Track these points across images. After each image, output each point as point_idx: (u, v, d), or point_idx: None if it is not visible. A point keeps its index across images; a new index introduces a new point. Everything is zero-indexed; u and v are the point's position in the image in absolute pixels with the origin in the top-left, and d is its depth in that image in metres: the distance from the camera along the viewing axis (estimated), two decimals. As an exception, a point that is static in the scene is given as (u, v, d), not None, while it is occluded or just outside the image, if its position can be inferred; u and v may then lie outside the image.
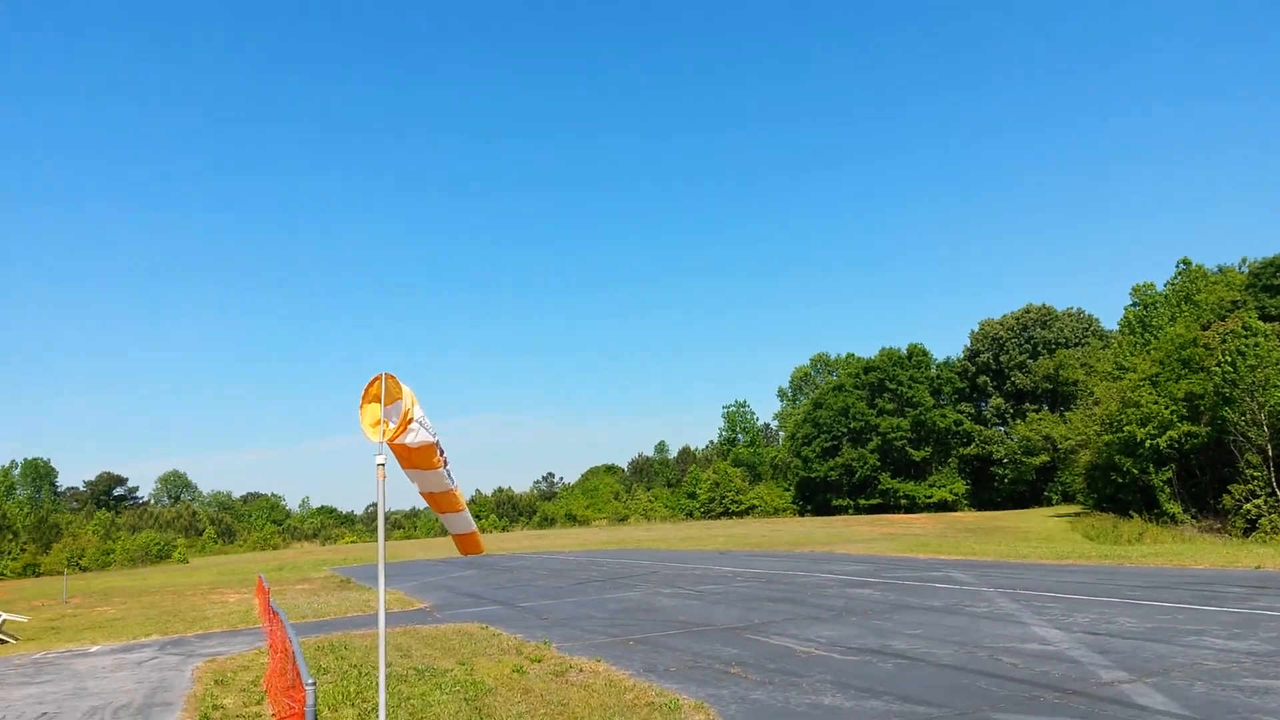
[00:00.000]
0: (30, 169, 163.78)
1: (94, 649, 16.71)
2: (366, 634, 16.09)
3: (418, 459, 5.91)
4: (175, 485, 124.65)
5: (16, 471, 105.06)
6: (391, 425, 5.33)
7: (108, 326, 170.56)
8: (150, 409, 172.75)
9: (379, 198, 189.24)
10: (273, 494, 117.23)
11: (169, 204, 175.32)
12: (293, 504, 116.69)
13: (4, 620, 19.14)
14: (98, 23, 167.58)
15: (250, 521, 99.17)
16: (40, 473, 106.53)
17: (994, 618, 13.67)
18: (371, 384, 5.32)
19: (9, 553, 63.07)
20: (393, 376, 5.37)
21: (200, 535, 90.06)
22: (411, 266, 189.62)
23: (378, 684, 11.01)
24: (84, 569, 62.18)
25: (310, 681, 6.42)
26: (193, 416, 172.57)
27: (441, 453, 6.07)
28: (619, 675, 10.71)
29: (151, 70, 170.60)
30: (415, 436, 5.49)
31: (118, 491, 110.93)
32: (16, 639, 18.87)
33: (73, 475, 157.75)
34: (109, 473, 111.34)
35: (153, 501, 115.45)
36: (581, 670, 11.16)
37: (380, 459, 5.43)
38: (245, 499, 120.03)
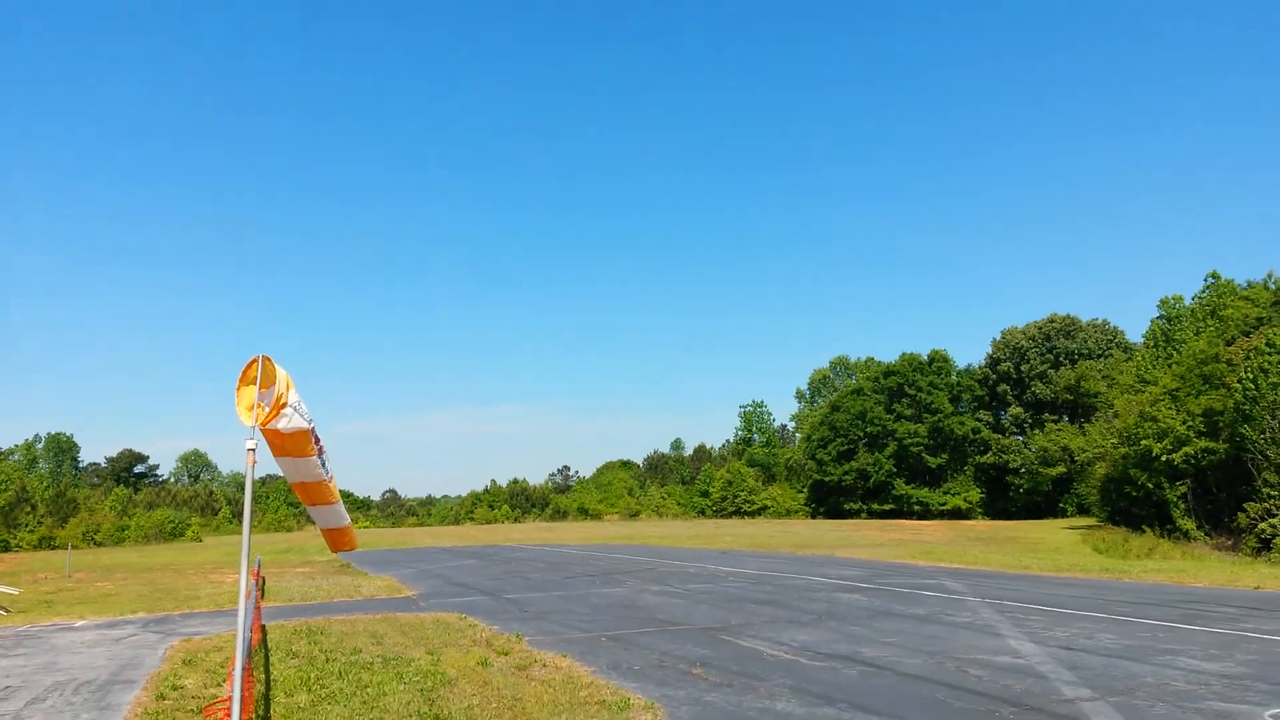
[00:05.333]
0: (44, 149, 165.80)
1: (79, 624, 16.81)
2: (347, 619, 16.09)
3: (290, 446, 5.80)
4: (195, 464, 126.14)
5: (40, 445, 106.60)
6: (265, 410, 5.24)
7: (138, 306, 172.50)
8: (174, 389, 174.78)
9: (411, 186, 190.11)
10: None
11: (196, 185, 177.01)
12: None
13: (-3, 592, 19.34)
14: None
15: (266, 503, 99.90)
16: (62, 448, 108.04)
17: (972, 628, 13.46)
18: (249, 367, 5.22)
19: (26, 525, 63.93)
20: (269, 359, 5.27)
21: (216, 515, 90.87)
22: (433, 255, 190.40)
23: (340, 670, 11.04)
24: (99, 544, 62.91)
25: (236, 667, 6.36)
26: (215, 397, 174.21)
27: (317, 440, 5.96)
28: (580, 672, 10.61)
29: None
30: (288, 422, 5.38)
31: (138, 469, 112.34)
32: (8, 611, 19.04)
33: (95, 451, 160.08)
34: (130, 450, 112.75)
35: (172, 480, 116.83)
36: (545, 665, 11.07)
37: (251, 444, 5.33)
38: (263, 480, 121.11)
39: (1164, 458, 42.13)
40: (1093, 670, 10.17)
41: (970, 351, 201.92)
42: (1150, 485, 43.47)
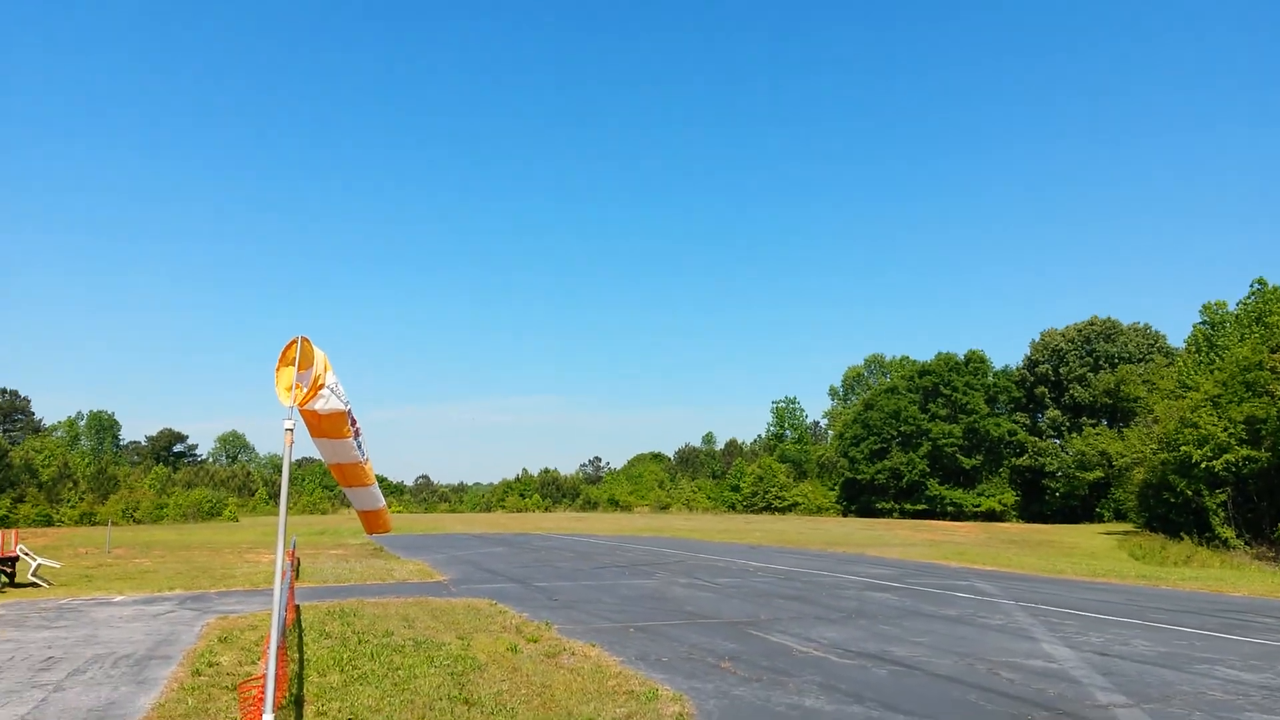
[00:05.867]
0: (83, 128, 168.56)
1: (118, 599, 17.15)
2: (379, 602, 16.26)
3: (327, 427, 5.85)
4: (233, 445, 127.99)
5: (82, 423, 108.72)
6: (303, 391, 5.29)
7: (179, 288, 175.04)
8: (214, 370, 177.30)
9: (451, 173, 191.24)
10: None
11: (237, 169, 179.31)
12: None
13: (39, 565, 19.73)
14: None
15: (300, 486, 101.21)
16: (104, 426, 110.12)
17: (1005, 631, 13.33)
18: (288, 348, 5.27)
19: (68, 501, 65.26)
20: (308, 340, 5.32)
21: (253, 495, 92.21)
22: (472, 245, 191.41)
23: (372, 652, 11.17)
24: (138, 521, 64.10)
25: (271, 645, 6.46)
26: (254, 380, 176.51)
27: (353, 423, 6.00)
28: (609, 661, 10.66)
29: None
30: (325, 404, 5.42)
31: (177, 448, 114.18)
32: (50, 584, 19.46)
33: (135, 430, 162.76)
34: (170, 429, 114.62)
35: (210, 460, 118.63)
36: (574, 654, 11.13)
37: (289, 424, 5.39)
38: (299, 463, 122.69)
39: (1204, 465, 41.44)
40: (1127, 677, 10.04)
41: (1007, 353, 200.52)
42: (1189, 492, 42.78)
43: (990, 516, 75.40)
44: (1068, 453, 73.67)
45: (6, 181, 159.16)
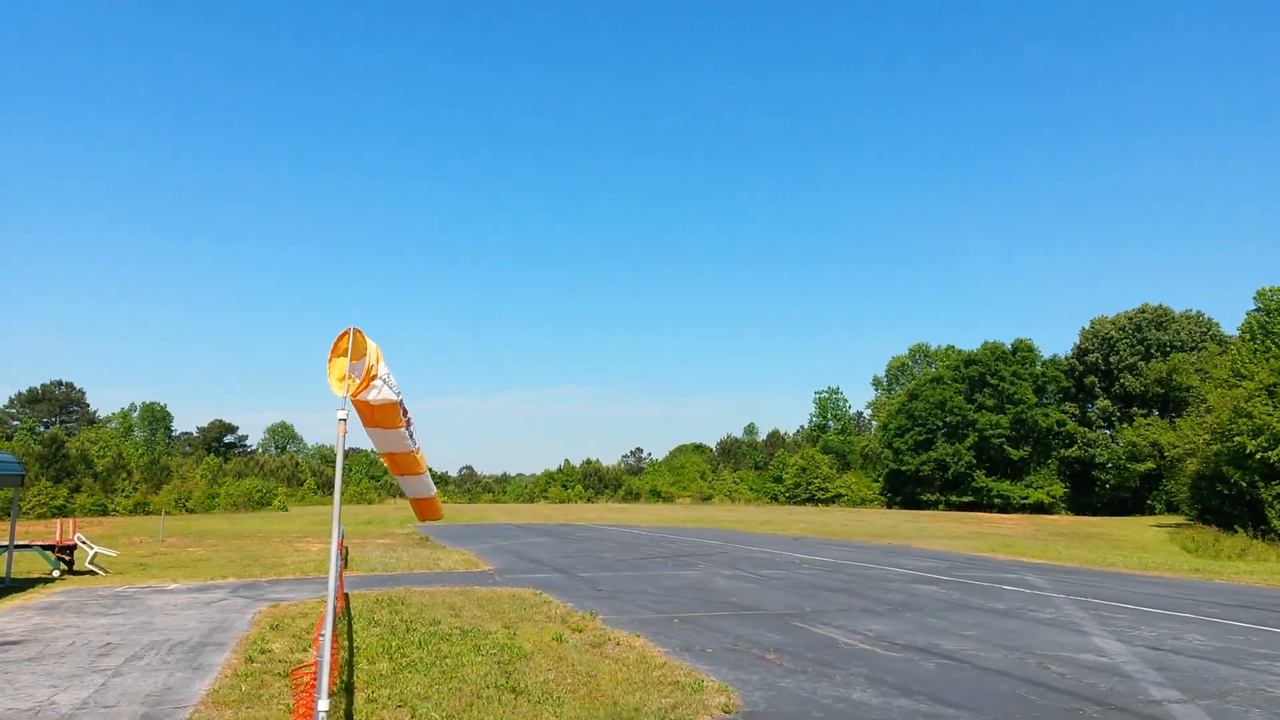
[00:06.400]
0: (140, 125, 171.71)
1: (172, 587, 17.53)
2: (426, 590, 16.46)
3: (380, 417, 5.93)
4: (282, 436, 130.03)
5: (135, 414, 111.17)
6: (356, 381, 5.36)
7: (230, 282, 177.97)
8: (263, 363, 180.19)
9: (494, 167, 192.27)
10: (372, 450, 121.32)
11: (287, 164, 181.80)
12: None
13: (95, 554, 20.23)
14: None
15: (348, 476, 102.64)
16: (157, 417, 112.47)
17: (1055, 625, 13.15)
18: (340, 338, 5.34)
19: (123, 490, 66.84)
20: (360, 332, 5.39)
21: (301, 485, 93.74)
22: (513, 237, 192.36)
23: (420, 640, 11.31)
24: (190, 511, 65.48)
25: (324, 633, 6.56)
26: (303, 373, 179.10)
27: (405, 412, 6.07)
28: (654, 651, 10.68)
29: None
30: (378, 394, 5.49)
31: (228, 439, 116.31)
32: (106, 571, 19.95)
33: (187, 421, 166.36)
34: (220, 420, 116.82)
35: (260, 450, 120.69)
36: (618, 644, 11.18)
37: (341, 413, 5.47)
38: (346, 454, 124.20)
39: (1259, 455, 40.50)
40: (1181, 672, 9.86)
41: (1056, 342, 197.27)
42: (1244, 484, 41.85)
43: (1038, 509, 74.41)
44: (1118, 443, 72.45)
45: (65, 179, 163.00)
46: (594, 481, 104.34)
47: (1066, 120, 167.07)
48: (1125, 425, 71.53)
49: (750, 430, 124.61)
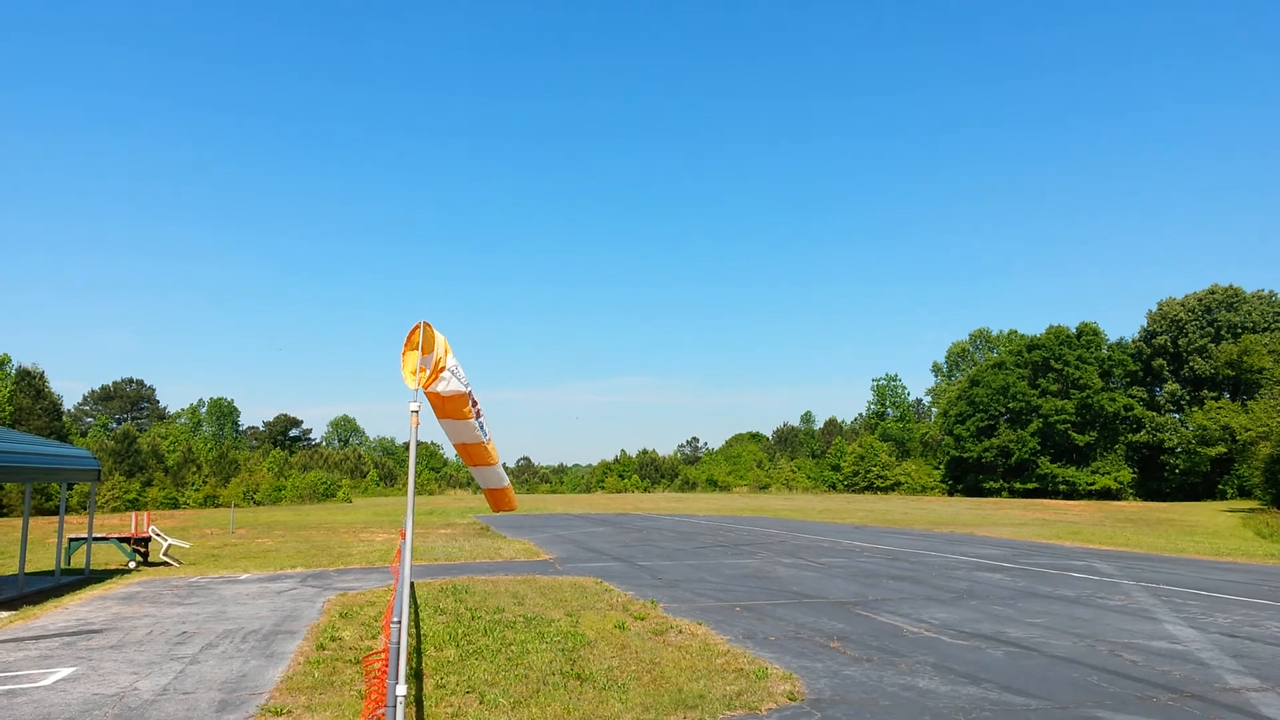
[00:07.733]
0: (196, 125, 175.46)
1: (243, 577, 18.01)
2: (489, 579, 16.68)
3: (450, 408, 6.02)
4: (345, 429, 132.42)
5: (204, 410, 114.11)
6: (426, 374, 5.46)
7: (295, 280, 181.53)
8: (327, 358, 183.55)
9: (547, 160, 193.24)
10: (432, 442, 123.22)
11: (348, 162, 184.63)
12: (449, 453, 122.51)
13: (169, 546, 20.87)
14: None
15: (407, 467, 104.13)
16: (224, 412, 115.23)
17: (1125, 612, 12.89)
18: (412, 332, 5.45)
19: (193, 484, 68.71)
20: (430, 325, 5.48)
21: (364, 477, 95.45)
22: (569, 230, 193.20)
23: (485, 628, 11.47)
24: (258, 503, 67.07)
25: (396, 620, 6.70)
26: (365, 367, 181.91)
27: (474, 404, 6.15)
28: (716, 639, 10.71)
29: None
30: (447, 385, 5.58)
31: (293, 433, 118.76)
32: (180, 562, 20.56)
33: (253, 416, 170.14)
34: (285, 414, 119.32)
35: (323, 443, 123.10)
36: (681, 631, 11.22)
37: (414, 405, 5.57)
38: (407, 445, 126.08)
39: (1339, 439, 39.18)
40: (1260, 659, 9.61)
41: (1123, 324, 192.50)
42: (1323, 468, 40.52)
43: (1105, 495, 72.85)
44: (1188, 427, 70.56)
45: (132, 178, 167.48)
46: (650, 471, 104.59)
47: (1132, 99, 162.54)
48: (1195, 409, 69.61)
49: (807, 418, 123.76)
